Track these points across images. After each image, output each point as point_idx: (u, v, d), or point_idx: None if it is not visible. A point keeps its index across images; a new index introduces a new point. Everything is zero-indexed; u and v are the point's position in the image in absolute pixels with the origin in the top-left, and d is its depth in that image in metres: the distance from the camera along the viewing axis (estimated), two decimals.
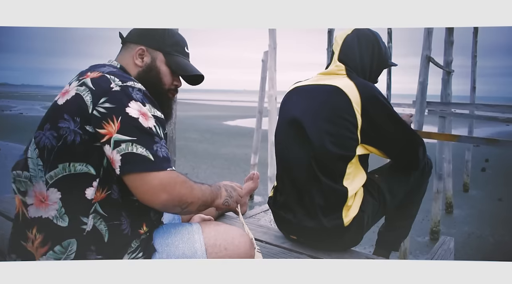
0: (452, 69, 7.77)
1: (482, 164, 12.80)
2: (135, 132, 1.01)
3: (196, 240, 1.14)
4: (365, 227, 1.42)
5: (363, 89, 1.40)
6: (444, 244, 1.72)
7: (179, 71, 1.28)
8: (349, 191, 1.37)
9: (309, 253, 1.40)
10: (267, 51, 7.74)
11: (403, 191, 1.54)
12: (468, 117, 7.46)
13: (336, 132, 1.38)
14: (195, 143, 14.96)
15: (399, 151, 1.47)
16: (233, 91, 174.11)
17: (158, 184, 1.00)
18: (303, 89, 1.52)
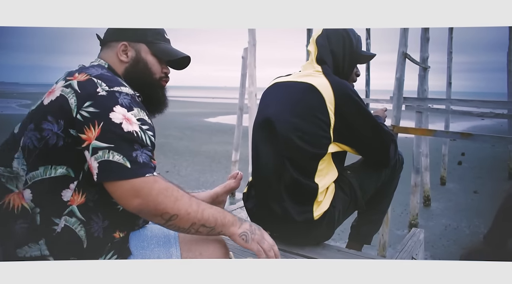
0: (428, 65, 7.92)
1: (459, 158, 13.11)
2: (114, 139, 1.00)
3: (172, 244, 1.15)
4: (336, 222, 1.45)
5: (337, 88, 1.42)
6: (414, 236, 1.77)
7: (167, 57, 1.27)
8: (320, 187, 1.40)
9: (282, 248, 1.42)
10: (247, 47, 7.73)
11: (374, 186, 1.58)
12: (444, 112, 7.62)
13: (309, 131, 1.40)
14: (176, 140, 14.85)
15: (371, 149, 1.50)
16: (214, 87, 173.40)
17: (129, 189, 0.98)
18: (281, 85, 1.54)
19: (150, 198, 0.99)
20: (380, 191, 1.63)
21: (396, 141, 1.57)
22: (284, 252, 1.41)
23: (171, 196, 1.02)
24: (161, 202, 1.00)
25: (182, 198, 1.04)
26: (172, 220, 1.03)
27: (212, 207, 1.11)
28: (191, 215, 1.04)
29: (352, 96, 1.44)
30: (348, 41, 1.56)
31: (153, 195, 1.00)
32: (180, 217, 1.03)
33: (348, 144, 1.47)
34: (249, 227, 1.18)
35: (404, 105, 6.50)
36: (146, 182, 0.99)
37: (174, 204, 1.02)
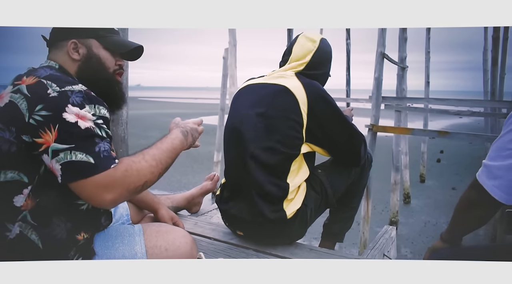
0: (406, 65, 8.05)
1: (437, 155, 13.37)
2: (73, 138, 0.98)
3: (137, 242, 1.14)
4: (308, 220, 1.47)
5: (310, 90, 1.44)
6: (386, 233, 1.79)
7: (120, 49, 1.24)
8: (291, 186, 1.41)
9: (255, 248, 1.43)
10: (228, 48, 7.73)
11: (344, 184, 1.60)
12: (422, 111, 7.77)
13: (282, 132, 1.41)
14: None
15: (342, 149, 1.52)
16: (196, 88, 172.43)
17: (98, 185, 0.98)
18: (254, 87, 1.54)
19: (119, 187, 1.00)
20: (351, 189, 1.66)
21: (365, 141, 1.59)
22: (256, 252, 1.41)
23: (133, 171, 1.02)
24: (129, 183, 1.01)
25: (141, 164, 1.04)
26: (145, 187, 1.06)
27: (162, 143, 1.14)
28: (155, 170, 1.06)
29: (324, 97, 1.46)
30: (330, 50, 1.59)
31: (121, 182, 1.00)
32: (149, 179, 1.05)
33: (319, 145, 1.48)
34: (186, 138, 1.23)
35: (384, 105, 6.60)
36: (112, 175, 0.99)
37: (139, 177, 1.03)
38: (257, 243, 1.46)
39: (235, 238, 1.52)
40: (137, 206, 1.48)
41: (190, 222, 1.68)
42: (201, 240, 1.50)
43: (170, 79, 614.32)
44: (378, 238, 1.70)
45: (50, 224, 1.06)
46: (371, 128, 5.96)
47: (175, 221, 1.44)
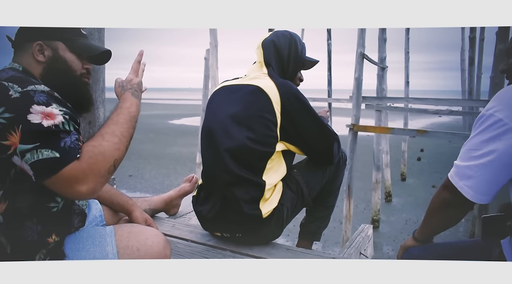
0: (386, 65, 8.17)
1: (418, 154, 13.60)
2: (37, 137, 0.96)
3: (108, 243, 1.13)
4: (285, 220, 1.47)
5: (282, 89, 1.46)
6: (362, 231, 1.81)
7: (86, 53, 1.22)
8: (267, 185, 1.42)
9: (232, 249, 1.43)
10: (209, 49, 7.70)
11: (319, 184, 1.62)
12: (401, 110, 7.89)
13: (257, 131, 1.42)
14: (139, 144, 14.56)
15: (315, 147, 1.54)
16: (178, 89, 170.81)
17: (67, 181, 0.95)
18: (228, 89, 1.55)
19: (91, 176, 0.97)
20: (326, 188, 1.67)
21: (339, 140, 1.61)
22: (233, 253, 1.41)
23: (97, 156, 1.00)
24: (99, 168, 0.99)
25: (102, 146, 1.02)
26: (117, 164, 1.04)
27: (119, 116, 1.10)
28: (120, 146, 1.04)
29: (297, 96, 1.48)
30: (294, 46, 1.60)
31: (89, 171, 0.97)
32: (118, 156, 1.03)
33: (293, 143, 1.50)
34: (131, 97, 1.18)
35: (364, 104, 6.68)
36: (77, 166, 0.96)
37: (106, 159, 1.00)
38: (234, 244, 1.46)
39: (212, 239, 1.52)
40: (111, 208, 1.46)
41: (167, 224, 1.67)
42: (178, 242, 1.49)
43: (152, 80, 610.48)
44: (354, 237, 1.72)
45: (22, 227, 1.04)
46: (352, 128, 6.03)
47: (149, 223, 1.43)
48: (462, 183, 1.01)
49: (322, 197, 1.66)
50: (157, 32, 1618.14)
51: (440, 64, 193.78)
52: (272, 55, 1.57)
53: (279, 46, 1.57)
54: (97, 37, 2.25)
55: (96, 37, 2.24)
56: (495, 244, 1.10)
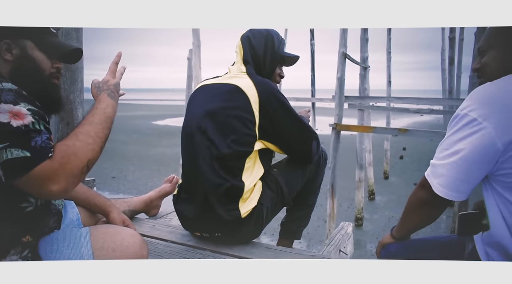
0: (368, 65, 8.25)
1: (400, 153, 13.78)
2: (7, 137, 0.95)
3: (83, 244, 1.11)
4: (264, 219, 1.48)
5: (261, 88, 1.45)
6: (342, 229, 1.83)
7: (55, 52, 1.20)
8: (246, 185, 1.42)
9: (212, 249, 1.42)
10: (192, 49, 7.67)
11: (300, 183, 1.62)
12: (384, 109, 7.98)
13: (235, 130, 1.41)
14: (123, 145, 14.41)
15: (294, 146, 1.55)
16: (162, 89, 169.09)
17: (38, 180, 0.93)
18: (207, 88, 1.54)
19: (63, 175, 0.96)
20: (306, 187, 1.68)
21: (318, 139, 1.62)
22: (213, 252, 1.41)
23: (70, 155, 0.98)
24: (71, 168, 0.97)
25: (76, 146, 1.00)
26: (91, 165, 1.02)
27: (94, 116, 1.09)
28: (94, 147, 1.03)
29: (275, 95, 1.47)
30: (270, 41, 1.59)
31: (61, 170, 0.96)
32: (92, 157, 1.02)
33: (272, 141, 1.50)
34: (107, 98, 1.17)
35: (347, 104, 6.75)
36: (49, 165, 0.94)
37: (79, 159, 0.99)
38: (214, 244, 1.46)
39: (192, 239, 1.51)
40: (88, 210, 1.44)
41: (147, 225, 1.65)
42: (158, 243, 1.48)
43: (135, 81, 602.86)
44: (334, 235, 1.73)
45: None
46: (335, 127, 6.08)
47: (127, 224, 1.41)
48: (436, 181, 1.02)
49: (302, 196, 1.67)
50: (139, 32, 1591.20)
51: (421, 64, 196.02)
52: (248, 52, 1.57)
53: (254, 42, 1.57)
54: (74, 37, 2.22)
55: (73, 37, 2.21)
56: (469, 240, 1.12)
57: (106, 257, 1.10)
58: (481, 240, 1.06)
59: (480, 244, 1.05)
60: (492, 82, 1.00)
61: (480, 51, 1.11)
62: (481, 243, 1.05)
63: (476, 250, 1.06)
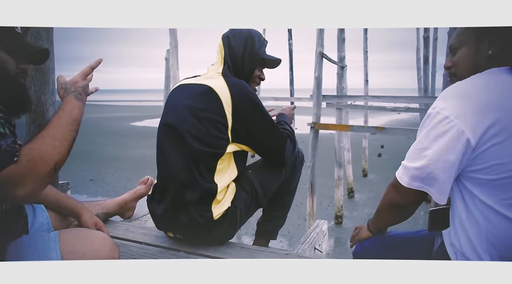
0: (345, 64, 8.35)
1: (378, 150, 14.00)
2: None
3: (52, 248, 1.09)
4: (238, 221, 1.47)
5: (234, 90, 1.43)
6: (317, 227, 1.84)
7: (21, 53, 1.17)
8: (219, 187, 1.41)
9: (186, 250, 1.41)
10: (169, 49, 7.61)
11: (275, 184, 1.61)
12: (361, 108, 8.08)
13: (206, 132, 1.39)
14: (101, 147, 14.19)
15: (267, 149, 1.53)
16: (140, 90, 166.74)
17: (3, 184, 0.92)
18: (184, 88, 1.52)
19: (29, 179, 0.94)
20: (283, 188, 1.66)
21: (295, 140, 1.61)
22: (187, 253, 1.40)
23: (36, 159, 0.96)
24: (38, 172, 0.95)
25: (42, 149, 0.98)
26: (58, 167, 1.00)
27: (60, 118, 1.07)
28: (61, 149, 1.01)
29: (249, 97, 1.44)
30: (250, 41, 1.56)
31: (27, 174, 0.93)
32: (59, 160, 1.00)
33: (245, 143, 1.48)
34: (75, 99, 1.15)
35: (325, 103, 6.81)
36: (15, 169, 0.90)
37: (46, 162, 0.97)
38: (188, 245, 1.44)
39: (166, 241, 1.50)
40: (59, 213, 1.41)
41: (121, 228, 1.63)
42: (131, 246, 1.46)
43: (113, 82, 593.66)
44: (309, 233, 1.74)
45: None
46: (313, 126, 6.13)
47: (99, 226, 1.39)
48: (416, 184, 1.01)
49: (278, 196, 1.66)
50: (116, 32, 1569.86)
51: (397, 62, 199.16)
52: (227, 52, 1.55)
53: (234, 42, 1.55)
54: (45, 37, 2.16)
55: (44, 37, 2.16)
56: (439, 235, 1.15)
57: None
58: (449, 235, 1.08)
59: (448, 239, 1.08)
60: (462, 81, 1.01)
61: (451, 49, 1.12)
62: (448, 238, 1.08)
63: (445, 245, 1.08)
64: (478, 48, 1.04)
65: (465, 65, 1.07)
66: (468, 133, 0.92)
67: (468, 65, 1.06)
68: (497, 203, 0.95)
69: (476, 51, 1.04)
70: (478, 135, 0.92)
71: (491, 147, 0.92)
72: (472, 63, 1.05)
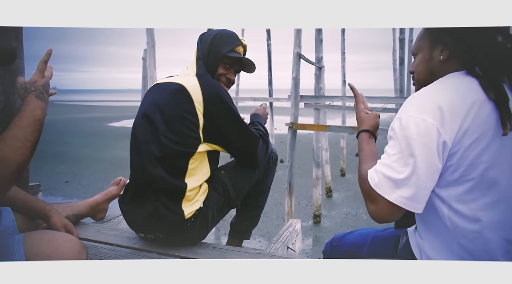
0: (323, 65, 8.42)
1: (356, 150, 14.12)
2: None
3: (16, 251, 1.07)
4: (210, 221, 1.47)
5: (206, 89, 1.43)
6: (290, 226, 1.86)
7: None
8: (190, 186, 1.41)
9: (158, 251, 1.41)
10: (146, 48, 7.54)
11: (248, 184, 1.62)
12: (338, 108, 8.17)
13: (178, 131, 1.39)
14: (77, 148, 13.91)
15: (238, 151, 1.54)
16: (118, 90, 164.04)
17: None
18: (158, 87, 1.52)
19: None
20: (256, 188, 1.67)
21: (268, 141, 1.61)
22: (159, 254, 1.39)
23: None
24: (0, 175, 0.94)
25: (3, 152, 0.97)
26: (21, 169, 0.99)
27: (21, 119, 1.05)
28: (23, 151, 1.00)
29: (221, 98, 1.44)
30: (217, 40, 1.55)
31: None
32: (21, 161, 0.99)
33: (217, 144, 1.48)
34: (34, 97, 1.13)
35: (303, 103, 6.86)
36: None
37: (8, 164, 0.96)
38: (160, 246, 1.44)
39: (138, 242, 1.48)
40: (27, 215, 1.38)
41: (92, 230, 1.61)
42: (102, 248, 1.44)
43: (90, 82, 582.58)
44: (282, 232, 1.76)
45: None
46: (291, 126, 6.17)
47: (69, 228, 1.37)
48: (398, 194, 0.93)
49: (252, 196, 1.66)
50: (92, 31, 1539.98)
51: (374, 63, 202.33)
52: (199, 50, 1.55)
53: (203, 40, 1.56)
54: (13, 36, 2.11)
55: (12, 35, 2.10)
56: (404, 233, 1.17)
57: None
58: (413, 233, 1.11)
59: (413, 236, 1.10)
60: (428, 86, 1.01)
61: (412, 55, 1.16)
62: (413, 235, 1.10)
63: (410, 243, 1.11)
64: (432, 54, 1.07)
65: (421, 70, 1.10)
66: (444, 135, 0.92)
67: (424, 71, 1.09)
68: (463, 205, 0.96)
69: (430, 57, 1.08)
70: (452, 137, 0.92)
71: (461, 149, 0.93)
72: (427, 69, 1.09)
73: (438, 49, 1.06)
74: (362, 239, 1.27)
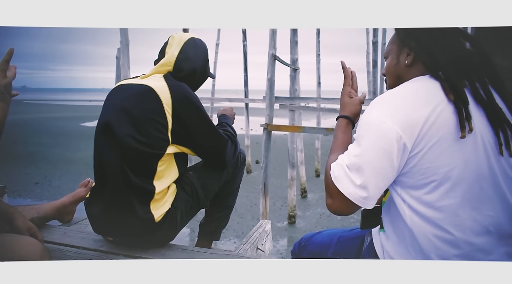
0: (298, 67, 8.49)
1: None
2: None
3: None
4: (179, 222, 1.47)
5: (174, 91, 1.43)
6: (260, 227, 1.87)
7: None
8: (157, 188, 1.39)
9: (125, 253, 1.39)
10: (120, 48, 7.41)
11: (216, 185, 1.62)
12: (313, 109, 8.27)
13: (145, 132, 1.38)
14: (47, 148, 13.55)
15: (207, 151, 1.55)
16: (92, 90, 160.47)
17: None
18: (122, 88, 1.50)
19: None
20: (225, 189, 1.68)
21: (236, 141, 1.62)
22: (126, 257, 1.37)
23: None
24: None
25: None
26: None
27: None
28: None
29: (189, 98, 1.45)
30: (207, 57, 1.59)
31: None
32: None
33: (185, 145, 1.48)
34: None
35: (278, 104, 6.90)
36: None
37: None
38: (127, 248, 1.42)
39: (105, 245, 1.46)
40: None
41: (58, 232, 1.57)
42: (68, 250, 1.41)
43: (62, 80, 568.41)
44: (252, 233, 1.76)
45: None
46: (266, 127, 6.19)
47: (33, 232, 1.33)
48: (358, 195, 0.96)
49: (221, 197, 1.67)
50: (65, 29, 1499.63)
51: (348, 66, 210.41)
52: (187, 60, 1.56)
53: (192, 55, 1.57)
54: None
55: None
56: (368, 234, 1.20)
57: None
58: (378, 233, 1.13)
59: (377, 237, 1.13)
60: (393, 89, 1.03)
61: (384, 57, 1.19)
62: (377, 236, 1.13)
63: (373, 243, 1.13)
64: (399, 58, 1.11)
65: (390, 73, 1.14)
66: (405, 138, 0.94)
67: (392, 74, 1.13)
68: (424, 206, 0.98)
69: (397, 61, 1.11)
70: (412, 141, 0.94)
71: (421, 151, 0.95)
72: (395, 72, 1.12)
73: (404, 53, 1.10)
74: (329, 239, 1.29)
